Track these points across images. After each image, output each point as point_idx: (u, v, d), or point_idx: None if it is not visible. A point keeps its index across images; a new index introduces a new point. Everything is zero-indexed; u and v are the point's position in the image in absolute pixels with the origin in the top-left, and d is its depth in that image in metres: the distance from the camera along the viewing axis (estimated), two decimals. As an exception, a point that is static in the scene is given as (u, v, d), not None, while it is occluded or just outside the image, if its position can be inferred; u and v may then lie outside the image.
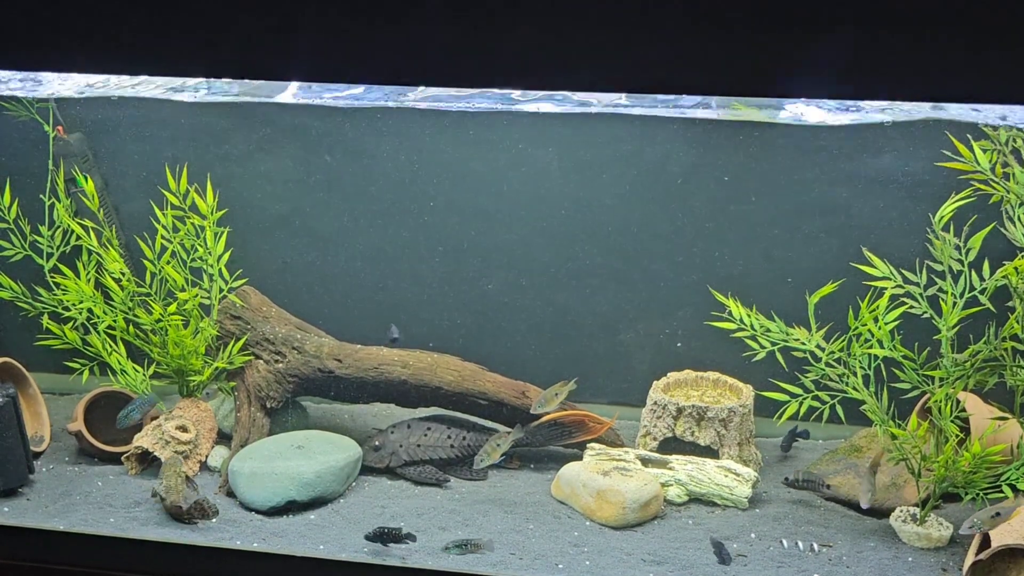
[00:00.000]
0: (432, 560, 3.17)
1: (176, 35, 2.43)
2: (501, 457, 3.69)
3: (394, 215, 4.26)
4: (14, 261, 4.07)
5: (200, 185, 3.93)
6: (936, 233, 3.30)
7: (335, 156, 4.21)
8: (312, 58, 2.39)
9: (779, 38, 2.18)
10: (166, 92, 3.98)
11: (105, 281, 3.91)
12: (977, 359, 3.30)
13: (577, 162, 4.09)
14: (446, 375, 3.91)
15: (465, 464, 3.85)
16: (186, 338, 3.89)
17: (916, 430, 3.38)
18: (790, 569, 3.17)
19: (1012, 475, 3.22)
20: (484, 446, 3.68)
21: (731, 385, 4.05)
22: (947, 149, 3.31)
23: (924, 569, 3.19)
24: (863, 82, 2.21)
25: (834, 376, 3.42)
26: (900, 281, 3.34)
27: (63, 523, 3.36)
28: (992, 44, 2.12)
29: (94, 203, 3.98)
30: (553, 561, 3.20)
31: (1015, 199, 3.28)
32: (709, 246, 4.08)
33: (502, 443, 3.65)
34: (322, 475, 3.56)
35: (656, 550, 3.29)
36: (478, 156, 4.14)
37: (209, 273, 4.00)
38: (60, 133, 4.16)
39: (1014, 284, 3.22)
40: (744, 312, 3.49)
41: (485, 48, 2.31)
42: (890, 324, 3.32)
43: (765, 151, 3.93)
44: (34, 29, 2.49)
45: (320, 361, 3.93)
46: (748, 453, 3.88)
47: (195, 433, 3.85)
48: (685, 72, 2.27)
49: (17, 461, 3.58)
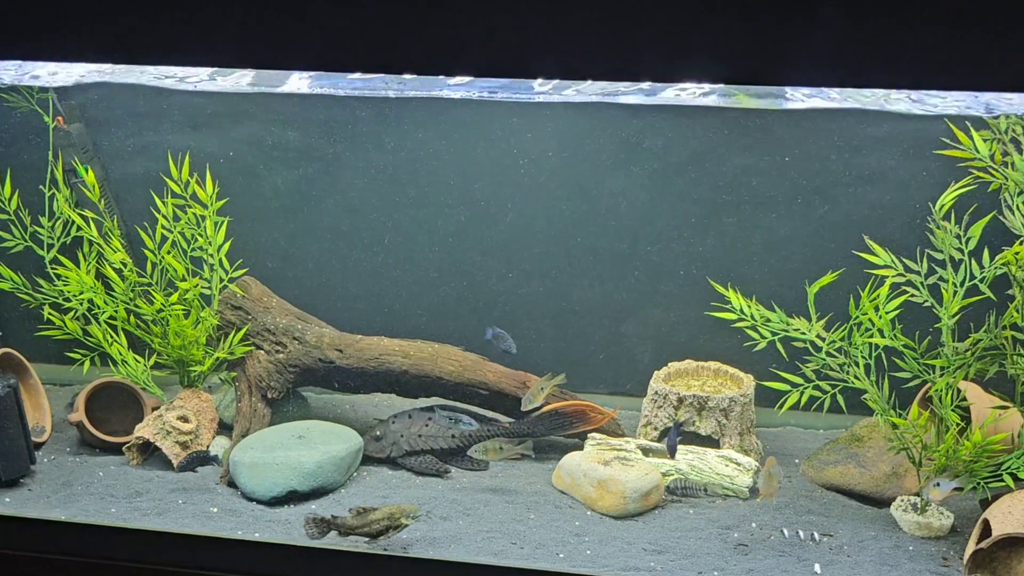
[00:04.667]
0: (433, 550, 3.17)
1: (177, 24, 2.42)
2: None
3: (396, 204, 4.26)
4: (14, 252, 4.07)
5: (199, 176, 3.93)
6: (936, 222, 3.30)
7: (338, 145, 4.21)
8: (320, 47, 2.39)
9: (780, 25, 2.18)
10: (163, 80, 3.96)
11: (106, 271, 3.91)
12: (978, 348, 3.29)
13: (578, 151, 4.08)
14: (447, 365, 3.91)
15: (466, 454, 3.86)
16: (187, 328, 3.89)
17: (917, 419, 3.38)
18: (791, 558, 3.18)
19: (1013, 464, 3.22)
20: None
21: (732, 375, 4.05)
22: (948, 137, 3.31)
23: (925, 558, 3.19)
24: (864, 69, 2.21)
25: (835, 366, 3.42)
26: (901, 269, 3.33)
27: (64, 513, 3.37)
28: (986, 32, 2.12)
29: (95, 193, 3.98)
30: (554, 551, 3.21)
31: (1014, 187, 3.27)
32: (709, 235, 4.08)
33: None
34: (323, 465, 3.57)
35: (657, 539, 3.29)
36: (479, 145, 4.13)
37: (210, 263, 4.00)
38: (60, 123, 4.15)
39: (1013, 272, 3.22)
40: (744, 302, 3.49)
41: (488, 36, 2.30)
42: (891, 313, 3.31)
43: (768, 138, 3.92)
44: (31, 19, 2.49)
45: (321, 351, 3.93)
46: (749, 443, 3.89)
47: (196, 423, 3.85)
48: (685, 60, 2.27)
49: (19, 452, 3.58)
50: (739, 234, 4.06)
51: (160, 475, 3.68)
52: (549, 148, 4.08)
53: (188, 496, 3.53)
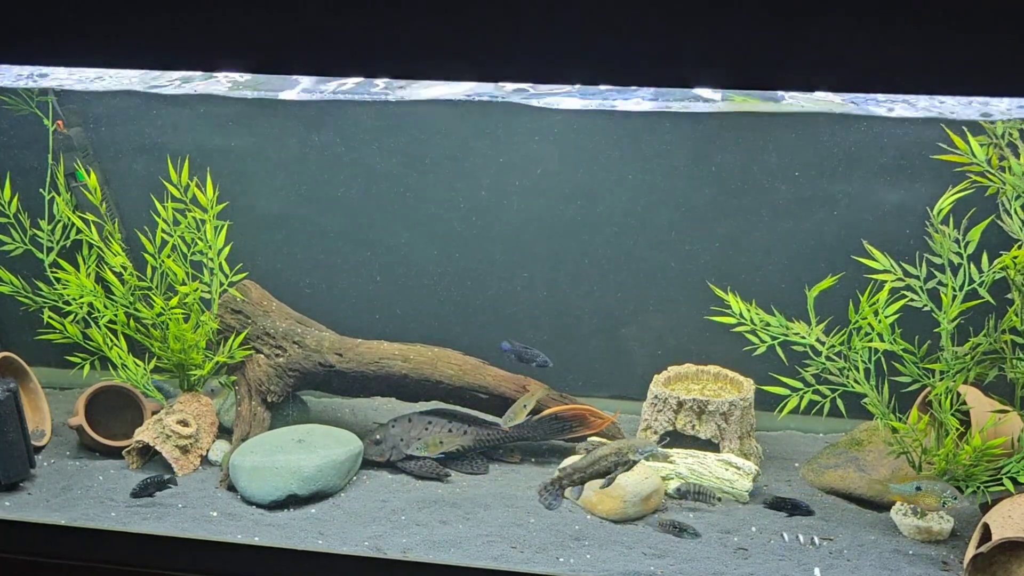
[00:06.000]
0: (433, 554, 3.17)
1: (178, 30, 2.42)
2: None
3: (396, 209, 4.26)
4: (14, 255, 4.07)
5: (198, 180, 3.93)
6: (935, 226, 3.30)
7: (344, 149, 4.21)
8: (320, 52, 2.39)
9: (781, 28, 2.18)
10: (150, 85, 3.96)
11: (106, 275, 3.91)
12: (977, 352, 3.30)
13: (578, 155, 4.08)
14: (447, 369, 3.92)
15: (466, 458, 3.85)
16: (187, 332, 3.90)
17: (917, 423, 3.38)
18: (791, 563, 3.17)
19: (1013, 468, 3.22)
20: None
21: (732, 379, 4.05)
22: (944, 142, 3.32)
23: (925, 562, 3.19)
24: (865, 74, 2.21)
25: (834, 370, 3.43)
26: (900, 274, 3.34)
27: (64, 517, 3.37)
28: (988, 36, 2.12)
29: (96, 197, 3.98)
30: (554, 555, 3.20)
31: (1011, 191, 3.28)
32: (709, 239, 4.09)
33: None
34: (323, 469, 3.57)
35: (657, 543, 3.29)
36: (481, 149, 4.14)
37: (210, 267, 4.01)
38: (60, 127, 4.16)
39: (1012, 276, 3.22)
40: (744, 306, 3.49)
41: (486, 43, 2.31)
42: (890, 318, 3.32)
43: (766, 141, 3.92)
44: (37, 23, 2.49)
45: (321, 355, 3.93)
46: (749, 447, 3.88)
47: (196, 427, 3.85)
48: (681, 65, 2.27)
49: (18, 456, 3.58)
50: (739, 237, 4.06)
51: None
52: (548, 152, 4.09)
53: (187, 500, 3.53)
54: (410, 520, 3.39)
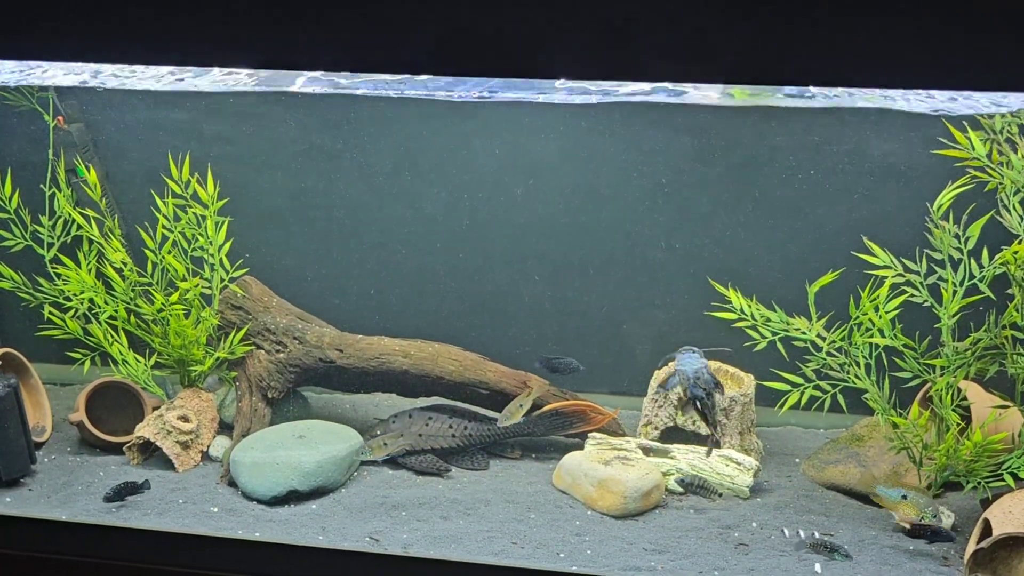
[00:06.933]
0: (434, 550, 3.17)
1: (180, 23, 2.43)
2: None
3: (397, 204, 4.26)
4: (15, 251, 4.07)
5: (199, 176, 3.93)
6: (935, 222, 3.30)
7: (341, 144, 4.21)
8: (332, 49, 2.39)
9: (776, 24, 2.18)
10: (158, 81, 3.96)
11: (106, 271, 3.91)
12: (978, 347, 3.30)
13: (579, 152, 4.08)
14: (447, 365, 3.92)
15: (466, 454, 3.86)
16: (187, 328, 3.90)
17: (917, 419, 3.38)
18: (792, 558, 3.18)
19: (1013, 463, 3.23)
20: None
21: (732, 374, 4.05)
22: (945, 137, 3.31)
23: (925, 558, 3.19)
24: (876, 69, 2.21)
25: (835, 365, 3.43)
26: (900, 270, 3.34)
27: (65, 513, 3.37)
28: (988, 33, 2.12)
29: (96, 193, 3.98)
30: (555, 550, 3.21)
31: (1010, 186, 3.27)
32: (710, 235, 4.08)
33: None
34: (324, 465, 3.57)
35: (657, 539, 3.29)
36: (479, 146, 4.13)
37: (210, 263, 4.00)
38: (60, 123, 4.15)
39: (1012, 271, 3.22)
40: (744, 302, 3.49)
41: (494, 37, 2.31)
42: (891, 313, 3.32)
43: (767, 137, 3.92)
44: (36, 17, 2.49)
45: (321, 351, 3.93)
46: (749, 442, 3.89)
47: (196, 423, 3.85)
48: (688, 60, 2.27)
49: (19, 452, 3.58)
50: (741, 233, 4.06)
51: (160, 475, 3.68)
52: (550, 149, 4.08)
53: (188, 496, 3.53)
54: (410, 516, 3.39)
